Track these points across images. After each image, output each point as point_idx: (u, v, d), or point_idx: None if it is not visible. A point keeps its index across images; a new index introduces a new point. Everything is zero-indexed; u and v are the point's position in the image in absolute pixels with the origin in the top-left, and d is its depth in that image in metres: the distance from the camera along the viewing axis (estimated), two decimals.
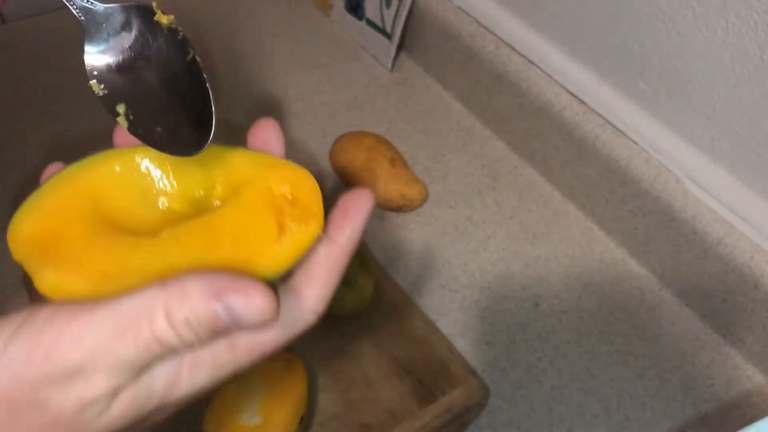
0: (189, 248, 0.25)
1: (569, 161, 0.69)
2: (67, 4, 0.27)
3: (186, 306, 0.23)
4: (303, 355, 0.55)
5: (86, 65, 0.27)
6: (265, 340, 0.25)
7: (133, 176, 0.29)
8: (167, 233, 0.26)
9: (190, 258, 0.25)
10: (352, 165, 0.67)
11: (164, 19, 0.28)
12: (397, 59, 0.85)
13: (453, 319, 0.60)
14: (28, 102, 0.75)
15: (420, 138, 0.76)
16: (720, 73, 0.55)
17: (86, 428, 0.23)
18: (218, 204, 0.29)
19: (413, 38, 0.84)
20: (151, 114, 0.27)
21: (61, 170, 0.28)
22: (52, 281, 0.25)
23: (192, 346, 0.24)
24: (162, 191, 0.29)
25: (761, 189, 0.56)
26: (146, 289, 0.23)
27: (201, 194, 0.29)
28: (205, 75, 0.28)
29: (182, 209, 0.29)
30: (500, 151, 0.76)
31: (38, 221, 0.26)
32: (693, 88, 0.58)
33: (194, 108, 0.27)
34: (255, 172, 0.28)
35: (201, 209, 0.29)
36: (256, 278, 0.24)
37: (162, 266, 0.25)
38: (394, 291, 0.60)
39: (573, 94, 0.68)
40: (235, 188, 0.28)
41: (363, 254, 0.58)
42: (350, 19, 0.88)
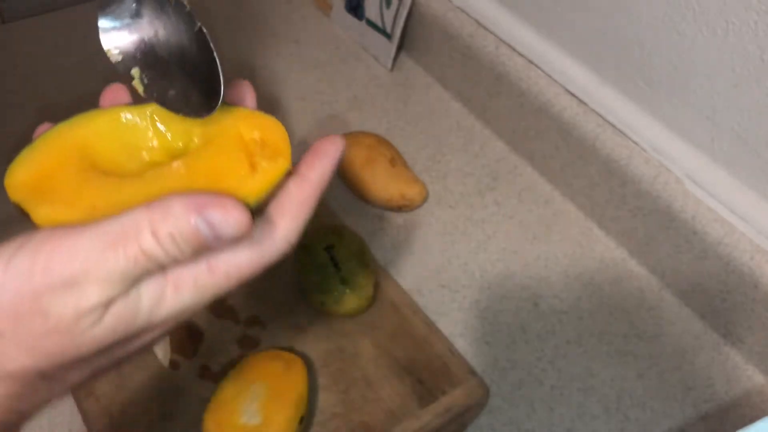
0: (169, 184, 0.28)
1: (569, 161, 0.69)
2: None
3: (169, 221, 0.25)
4: (303, 355, 0.55)
5: (100, 32, 0.29)
6: (242, 265, 0.27)
7: (118, 131, 0.31)
8: (149, 174, 0.29)
9: (171, 191, 0.27)
10: (352, 165, 0.67)
11: None
12: (397, 59, 0.85)
13: (453, 319, 0.60)
14: (29, 102, 0.75)
15: (420, 138, 0.76)
16: (720, 73, 0.55)
17: (82, 336, 0.25)
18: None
19: (413, 38, 0.84)
20: (164, 79, 0.30)
21: (51, 128, 0.31)
22: (47, 214, 0.28)
23: (176, 261, 0.26)
24: (144, 145, 0.31)
25: (761, 189, 0.56)
26: (132, 210, 0.25)
27: (180, 146, 0.32)
28: (213, 45, 0.29)
29: (163, 160, 0.32)
30: (500, 151, 0.76)
31: (32, 168, 0.29)
32: (693, 89, 0.58)
33: (203, 74, 0.29)
34: (228, 123, 0.31)
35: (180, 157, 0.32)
36: (233, 197, 0.26)
37: (145, 199, 0.27)
38: (394, 291, 0.60)
39: (573, 94, 0.68)
40: (211, 138, 0.31)
41: (363, 254, 0.58)
42: (350, 20, 0.88)
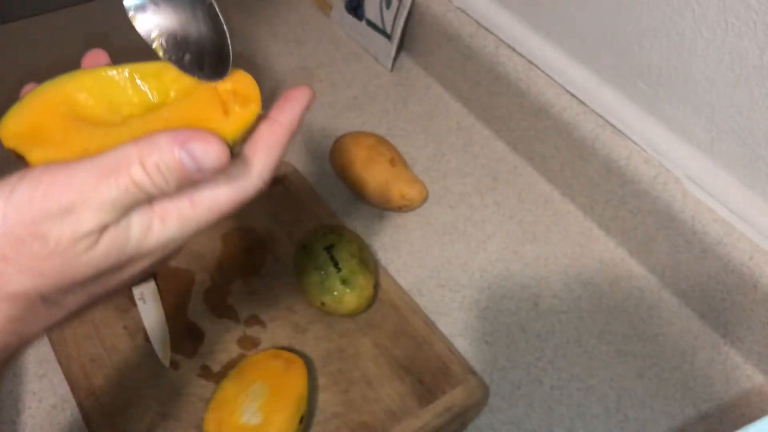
0: (152, 128, 0.30)
1: (569, 161, 0.69)
2: None
3: (156, 154, 0.27)
4: (303, 355, 0.56)
5: (125, 4, 0.33)
6: (221, 199, 0.30)
7: (101, 88, 0.34)
8: (133, 121, 0.32)
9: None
10: (353, 165, 0.67)
11: None
12: (397, 59, 0.85)
13: (453, 319, 0.60)
14: None
15: (420, 138, 0.76)
16: (719, 74, 0.55)
17: (78, 260, 0.28)
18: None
19: (413, 39, 0.84)
20: (180, 45, 0.33)
21: (37, 86, 0.33)
22: (42, 156, 0.30)
23: (163, 192, 0.28)
24: (125, 100, 0.34)
25: (760, 189, 0.57)
26: (122, 146, 0.28)
27: (158, 101, 0.35)
28: (222, 18, 0.33)
29: (143, 114, 0.34)
30: (500, 151, 0.76)
31: (23, 120, 0.31)
32: (692, 89, 0.58)
33: (214, 43, 0.33)
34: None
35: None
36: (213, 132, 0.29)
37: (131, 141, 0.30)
38: (394, 291, 0.60)
39: (573, 95, 0.68)
40: (187, 93, 0.34)
41: (363, 254, 0.58)
42: (350, 20, 0.88)
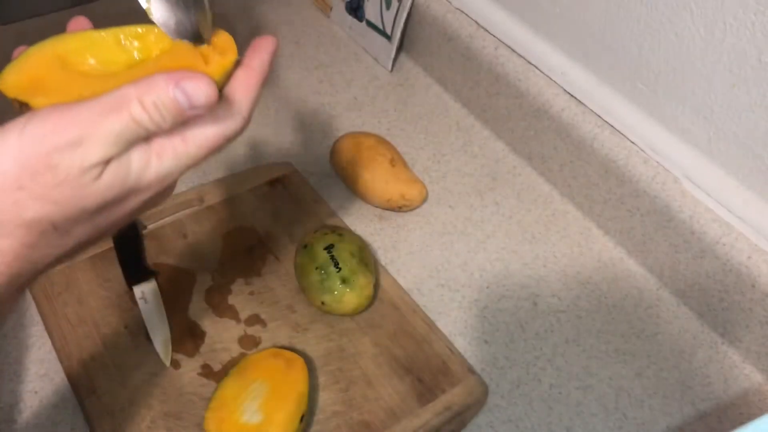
0: (142, 76, 0.32)
1: (568, 161, 0.69)
2: None
3: (153, 92, 0.30)
4: (304, 354, 0.56)
5: None
6: (209, 136, 0.33)
7: (89, 47, 0.36)
8: (123, 72, 0.35)
9: None
10: (353, 165, 0.67)
11: None
12: (397, 60, 0.85)
13: (452, 318, 0.61)
14: None
15: (420, 138, 0.77)
16: (718, 74, 0.55)
17: (86, 189, 0.30)
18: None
19: (413, 39, 0.84)
20: (170, 12, 0.36)
21: (29, 47, 0.35)
22: (45, 102, 0.32)
23: (159, 127, 0.31)
24: (111, 59, 0.36)
25: (759, 189, 0.57)
26: (121, 87, 0.31)
27: (141, 60, 0.37)
28: None
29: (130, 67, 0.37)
30: (499, 152, 0.76)
31: (21, 73, 0.33)
32: (691, 89, 0.58)
33: (198, 13, 0.36)
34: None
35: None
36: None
37: None
38: (394, 290, 0.61)
39: (571, 95, 0.68)
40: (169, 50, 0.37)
41: (363, 254, 0.58)
42: (350, 21, 0.88)
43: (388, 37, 0.83)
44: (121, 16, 0.38)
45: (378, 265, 0.63)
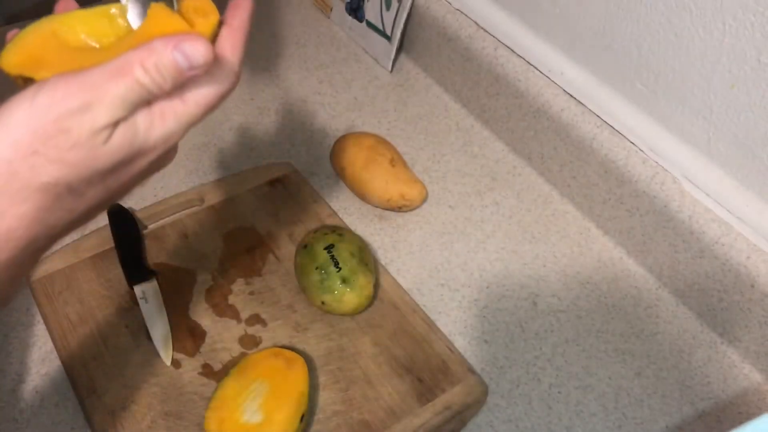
0: (137, 44, 0.33)
1: (567, 161, 0.69)
2: None
3: (154, 56, 0.32)
4: (304, 354, 0.56)
5: None
6: (206, 94, 0.35)
7: (81, 25, 0.37)
8: (116, 43, 0.37)
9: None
10: (353, 165, 0.68)
11: None
12: (397, 61, 0.86)
13: (452, 318, 0.61)
14: None
15: (420, 138, 0.77)
16: (717, 75, 0.56)
17: (97, 150, 0.32)
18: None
19: (413, 40, 0.84)
20: None
21: (21, 30, 0.36)
22: (48, 75, 0.33)
23: (161, 89, 0.32)
24: (103, 34, 0.38)
25: (758, 189, 0.57)
26: (124, 54, 0.32)
27: (129, 31, 0.39)
28: None
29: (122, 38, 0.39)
30: (499, 152, 0.76)
31: (21, 52, 0.35)
32: (690, 89, 0.58)
33: None
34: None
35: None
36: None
37: None
38: (394, 290, 0.61)
39: (571, 95, 0.68)
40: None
41: (363, 254, 0.58)
42: (350, 21, 0.88)
43: (388, 38, 0.83)
44: None
45: (378, 265, 0.63)
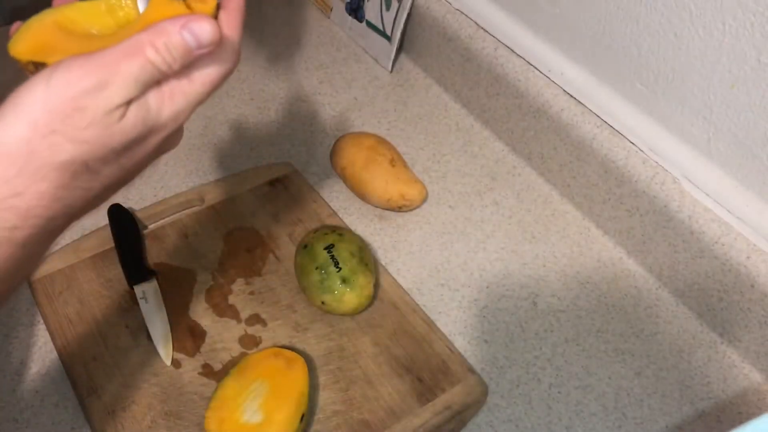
0: (140, 29, 0.34)
1: (567, 161, 0.69)
2: None
3: (164, 36, 0.33)
4: (304, 354, 0.56)
5: None
6: (212, 74, 0.36)
7: (83, 15, 0.39)
8: (120, 31, 0.37)
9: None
10: (353, 165, 0.68)
11: None
12: (397, 61, 0.86)
13: (452, 318, 0.61)
14: None
15: (420, 138, 0.77)
16: (717, 75, 0.56)
17: (112, 129, 0.33)
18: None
19: (413, 40, 0.84)
20: None
21: (25, 23, 0.37)
22: (60, 59, 0.34)
23: (171, 68, 0.34)
24: (104, 24, 0.39)
25: (758, 189, 0.57)
26: (134, 35, 0.33)
27: (129, 20, 0.40)
28: None
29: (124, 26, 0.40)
30: (499, 152, 0.76)
31: (29, 40, 0.36)
32: (690, 89, 0.58)
33: None
34: None
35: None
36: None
37: None
38: (394, 290, 0.61)
39: (571, 95, 0.68)
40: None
41: (363, 254, 0.58)
42: (350, 21, 0.88)
43: (388, 38, 0.83)
44: None
45: (378, 265, 0.63)
